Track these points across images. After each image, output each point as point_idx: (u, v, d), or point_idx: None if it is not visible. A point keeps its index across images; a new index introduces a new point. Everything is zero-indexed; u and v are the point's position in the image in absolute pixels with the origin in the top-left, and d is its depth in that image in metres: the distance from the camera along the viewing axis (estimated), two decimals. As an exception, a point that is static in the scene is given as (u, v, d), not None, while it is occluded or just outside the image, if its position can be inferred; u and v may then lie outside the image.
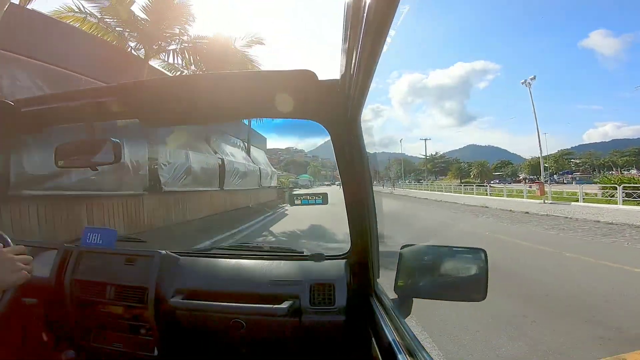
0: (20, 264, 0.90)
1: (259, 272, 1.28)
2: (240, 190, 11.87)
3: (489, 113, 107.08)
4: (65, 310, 1.32)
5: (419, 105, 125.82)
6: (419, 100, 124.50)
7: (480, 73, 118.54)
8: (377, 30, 0.48)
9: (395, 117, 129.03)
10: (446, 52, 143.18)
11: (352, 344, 1.17)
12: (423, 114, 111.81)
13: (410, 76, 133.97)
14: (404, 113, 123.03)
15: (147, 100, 1.03)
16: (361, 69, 0.61)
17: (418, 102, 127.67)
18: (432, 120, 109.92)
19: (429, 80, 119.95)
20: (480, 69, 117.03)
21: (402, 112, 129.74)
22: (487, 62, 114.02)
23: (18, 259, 0.90)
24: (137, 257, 1.36)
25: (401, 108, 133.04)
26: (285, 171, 40.41)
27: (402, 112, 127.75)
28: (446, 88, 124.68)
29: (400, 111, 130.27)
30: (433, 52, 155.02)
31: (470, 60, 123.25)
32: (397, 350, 0.76)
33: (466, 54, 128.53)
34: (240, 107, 1.04)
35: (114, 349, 1.32)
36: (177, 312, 1.23)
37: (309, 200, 1.30)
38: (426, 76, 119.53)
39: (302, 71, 0.84)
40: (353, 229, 1.20)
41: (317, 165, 56.46)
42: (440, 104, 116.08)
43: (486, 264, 1.02)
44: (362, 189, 1.08)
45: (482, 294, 1.00)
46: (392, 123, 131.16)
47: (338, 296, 1.18)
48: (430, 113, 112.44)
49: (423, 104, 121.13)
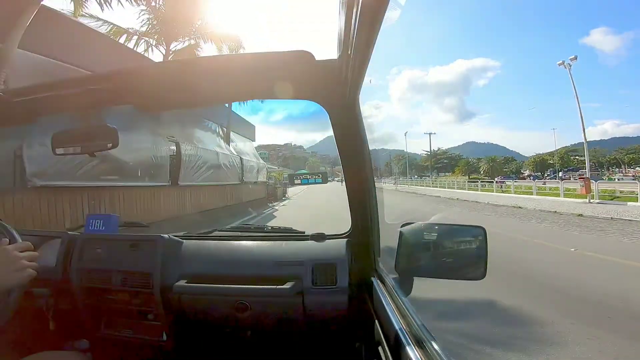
0: (25, 262, 0.90)
1: (261, 254, 1.29)
2: (209, 186, 8.98)
3: (488, 110, 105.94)
4: (74, 299, 1.34)
5: (418, 101, 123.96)
6: (419, 97, 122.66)
7: (480, 70, 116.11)
8: (373, 10, 0.47)
9: (394, 114, 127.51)
10: (446, 49, 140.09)
11: (355, 323, 1.20)
12: (422, 111, 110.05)
13: (410, 72, 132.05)
14: (404, 109, 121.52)
15: (142, 85, 1.01)
16: (359, 50, 0.61)
17: (418, 99, 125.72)
18: (431, 117, 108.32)
19: (429, 76, 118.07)
20: (480, 66, 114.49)
21: (401, 109, 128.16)
22: (487, 59, 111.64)
23: (23, 257, 0.91)
24: (140, 242, 1.37)
25: (400, 104, 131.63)
26: (283, 166, 39.55)
27: (402, 108, 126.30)
28: (446, 85, 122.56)
29: (400, 107, 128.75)
30: (433, 49, 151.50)
31: (471, 57, 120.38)
32: (401, 332, 0.78)
33: (466, 51, 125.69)
34: (238, 89, 1.02)
35: (125, 335, 1.34)
36: (182, 296, 1.25)
37: (308, 179, 1.31)
38: (426, 73, 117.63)
39: (300, 52, 0.83)
40: (353, 208, 1.20)
41: (315, 161, 55.21)
42: (440, 101, 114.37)
43: (485, 241, 1.03)
44: (362, 169, 1.08)
45: (482, 272, 1.01)
46: (392, 119, 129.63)
47: (340, 276, 1.20)
48: (429, 109, 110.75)
49: (423, 101, 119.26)
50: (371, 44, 0.57)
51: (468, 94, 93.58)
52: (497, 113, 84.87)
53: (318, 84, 0.94)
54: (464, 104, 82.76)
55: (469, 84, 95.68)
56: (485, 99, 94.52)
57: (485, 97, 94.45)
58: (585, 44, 76.13)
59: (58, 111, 1.27)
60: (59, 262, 1.36)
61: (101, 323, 1.37)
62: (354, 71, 0.72)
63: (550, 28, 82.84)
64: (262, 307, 1.22)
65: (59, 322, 1.34)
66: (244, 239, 1.41)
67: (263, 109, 59.58)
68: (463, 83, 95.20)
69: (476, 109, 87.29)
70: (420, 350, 0.69)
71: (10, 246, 0.93)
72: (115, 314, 1.35)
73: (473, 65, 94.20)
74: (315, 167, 50.26)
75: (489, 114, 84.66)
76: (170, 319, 1.30)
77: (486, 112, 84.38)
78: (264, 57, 0.90)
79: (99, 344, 1.38)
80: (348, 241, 1.29)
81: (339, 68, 0.81)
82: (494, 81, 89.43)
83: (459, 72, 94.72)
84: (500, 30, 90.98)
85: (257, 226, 1.57)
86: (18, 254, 0.90)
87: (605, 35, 67.84)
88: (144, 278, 1.28)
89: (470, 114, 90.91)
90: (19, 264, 0.89)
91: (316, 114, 1.04)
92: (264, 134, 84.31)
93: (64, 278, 1.34)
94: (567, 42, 77.50)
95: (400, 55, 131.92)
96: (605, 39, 66.72)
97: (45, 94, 1.06)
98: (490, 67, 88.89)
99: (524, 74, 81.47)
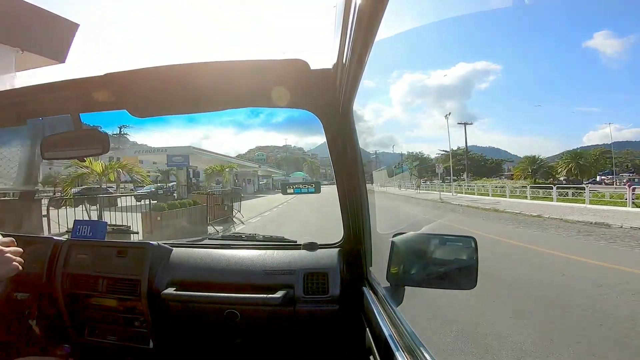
0: (10, 255, 0.88)
1: (252, 262, 1.28)
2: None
3: (489, 114, 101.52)
4: (57, 305, 1.31)
5: (419, 105, 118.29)
6: (419, 101, 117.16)
7: (482, 73, 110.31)
8: (369, 19, 0.48)
9: (395, 117, 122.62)
10: (448, 52, 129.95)
11: (346, 332, 1.19)
12: (423, 114, 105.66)
13: (411, 76, 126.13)
14: (404, 113, 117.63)
15: (136, 90, 1.01)
16: (354, 59, 0.61)
17: (418, 102, 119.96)
18: (432, 120, 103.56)
19: (430, 80, 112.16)
20: (481, 69, 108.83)
21: (401, 112, 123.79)
22: (488, 62, 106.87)
23: (7, 251, 0.89)
24: (128, 248, 1.34)
25: (401, 107, 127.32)
26: (277, 168, 37.46)
27: (402, 111, 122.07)
28: (447, 88, 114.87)
29: (400, 111, 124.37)
30: (434, 52, 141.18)
31: (472, 61, 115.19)
32: (391, 340, 0.77)
33: (468, 55, 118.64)
34: (232, 96, 1.02)
35: (109, 342, 1.31)
36: (171, 303, 1.23)
37: (301, 188, 1.31)
38: (428, 76, 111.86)
39: (295, 60, 0.84)
40: (346, 217, 1.21)
41: (315, 162, 52.44)
42: (441, 104, 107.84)
43: (476, 252, 1.03)
44: (355, 178, 1.08)
45: (473, 282, 1.02)
46: (392, 123, 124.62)
47: (331, 285, 1.19)
48: (430, 113, 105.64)
49: (423, 105, 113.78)
50: (366, 54, 0.58)
51: (469, 97, 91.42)
52: (497, 117, 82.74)
53: (312, 93, 0.95)
54: (465, 107, 79.89)
55: (470, 87, 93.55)
56: (486, 103, 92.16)
57: (487, 100, 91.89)
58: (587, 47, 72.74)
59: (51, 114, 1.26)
60: (44, 267, 1.33)
61: (85, 329, 1.34)
62: (349, 80, 0.73)
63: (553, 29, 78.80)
64: (253, 316, 1.20)
65: (42, 327, 1.31)
66: (235, 248, 1.39)
67: (263, 112, 57.21)
68: (464, 86, 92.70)
69: (477, 113, 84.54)
70: (410, 358, 0.69)
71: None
72: (101, 320, 1.32)
73: (474, 68, 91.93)
74: (314, 169, 48.29)
75: (490, 118, 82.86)
76: (157, 326, 1.27)
77: (487, 116, 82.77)
78: (259, 65, 0.90)
79: (82, 349, 1.34)
80: (340, 250, 1.29)
81: (334, 77, 0.82)
82: (495, 84, 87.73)
83: (459, 76, 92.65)
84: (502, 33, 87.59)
85: (249, 235, 1.56)
86: (2, 248, 0.88)
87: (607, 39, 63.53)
88: (132, 284, 1.26)
89: (472, 117, 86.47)
90: (4, 257, 0.87)
91: (316, 118, 1.04)
92: (263, 136, 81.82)
93: (48, 283, 1.31)
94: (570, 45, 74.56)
95: (401, 58, 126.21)
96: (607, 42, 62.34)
97: (38, 96, 1.05)
98: (491, 71, 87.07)
99: (525, 76, 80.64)
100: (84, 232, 1.45)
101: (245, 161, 24.19)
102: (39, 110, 1.18)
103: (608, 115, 66.78)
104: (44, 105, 1.11)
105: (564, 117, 65.53)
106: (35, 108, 1.13)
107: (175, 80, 0.94)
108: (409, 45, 77.52)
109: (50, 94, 1.03)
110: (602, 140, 44.83)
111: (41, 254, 1.36)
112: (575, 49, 61.09)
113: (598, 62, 62.06)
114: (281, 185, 1.63)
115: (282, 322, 1.21)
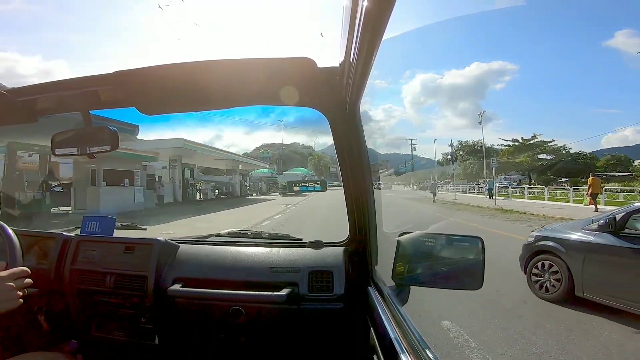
0: (14, 293, 0.91)
1: (257, 260, 1.28)
2: None
3: (504, 115, 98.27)
4: (65, 300, 1.33)
5: (431, 106, 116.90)
6: (432, 101, 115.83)
7: (497, 74, 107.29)
8: (376, 17, 0.47)
9: (407, 118, 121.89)
10: (462, 52, 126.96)
11: (350, 331, 1.19)
12: (436, 115, 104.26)
13: (423, 76, 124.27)
14: (416, 113, 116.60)
15: (145, 88, 1.02)
16: (361, 57, 0.60)
17: (431, 103, 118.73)
18: (445, 121, 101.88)
19: (444, 80, 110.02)
20: (497, 70, 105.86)
21: (414, 113, 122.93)
22: (504, 62, 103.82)
23: (16, 285, 0.91)
24: (136, 245, 1.36)
25: (413, 108, 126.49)
26: (272, 164, 36.25)
27: (414, 112, 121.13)
28: (461, 89, 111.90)
29: (413, 112, 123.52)
30: (448, 52, 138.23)
31: (487, 61, 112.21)
32: (396, 340, 0.77)
33: (483, 54, 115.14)
34: (239, 94, 1.03)
35: (116, 338, 1.33)
36: (177, 300, 1.24)
37: (307, 187, 1.31)
38: (441, 76, 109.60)
39: (302, 59, 0.83)
40: (352, 216, 1.20)
41: (323, 157, 49.09)
42: (454, 105, 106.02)
43: (483, 252, 1.03)
44: (361, 177, 1.08)
45: (479, 283, 1.01)
46: (404, 124, 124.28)
47: (336, 283, 1.19)
48: (443, 114, 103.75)
49: (436, 105, 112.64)
50: (373, 53, 0.57)
51: (484, 98, 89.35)
52: (513, 118, 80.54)
53: (320, 92, 0.95)
54: (480, 108, 77.50)
55: (484, 87, 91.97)
56: (502, 104, 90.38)
57: (502, 101, 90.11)
58: (608, 46, 70.42)
59: (61, 111, 1.28)
60: (52, 262, 1.35)
61: (93, 325, 1.36)
62: (356, 79, 0.72)
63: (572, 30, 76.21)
64: (257, 313, 1.21)
65: (50, 323, 1.33)
66: (241, 245, 1.40)
67: (274, 110, 57.44)
68: (478, 87, 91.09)
69: (492, 114, 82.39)
70: (415, 359, 0.68)
71: (5, 273, 0.93)
72: (108, 316, 1.34)
73: (490, 68, 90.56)
74: (320, 166, 46.31)
75: (505, 119, 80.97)
76: (163, 323, 1.28)
77: (503, 117, 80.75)
78: (267, 63, 0.90)
79: (90, 345, 1.36)
80: (345, 249, 1.29)
81: (341, 75, 0.82)
82: (511, 85, 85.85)
83: (474, 76, 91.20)
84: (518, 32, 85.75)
85: (255, 232, 1.57)
86: (11, 285, 0.91)
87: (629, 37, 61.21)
88: (139, 281, 1.27)
89: (486, 118, 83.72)
90: (11, 294, 0.90)
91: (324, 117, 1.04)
92: (270, 135, 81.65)
93: (57, 279, 1.33)
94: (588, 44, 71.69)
95: (413, 58, 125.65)
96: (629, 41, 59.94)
97: (49, 94, 1.07)
98: (507, 71, 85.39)
99: (542, 76, 78.39)
100: (93, 228, 1.47)
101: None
102: (49, 108, 1.20)
103: (629, 117, 63.06)
104: (55, 102, 1.12)
105: (580, 119, 61.60)
106: (45, 106, 1.15)
107: (185, 78, 0.95)
108: (422, 43, 75.75)
109: (60, 91, 1.04)
110: (622, 143, 40.59)
111: (50, 250, 1.38)
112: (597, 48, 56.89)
113: (620, 62, 57.87)
114: (287, 183, 1.64)
115: (287, 319, 1.22)
